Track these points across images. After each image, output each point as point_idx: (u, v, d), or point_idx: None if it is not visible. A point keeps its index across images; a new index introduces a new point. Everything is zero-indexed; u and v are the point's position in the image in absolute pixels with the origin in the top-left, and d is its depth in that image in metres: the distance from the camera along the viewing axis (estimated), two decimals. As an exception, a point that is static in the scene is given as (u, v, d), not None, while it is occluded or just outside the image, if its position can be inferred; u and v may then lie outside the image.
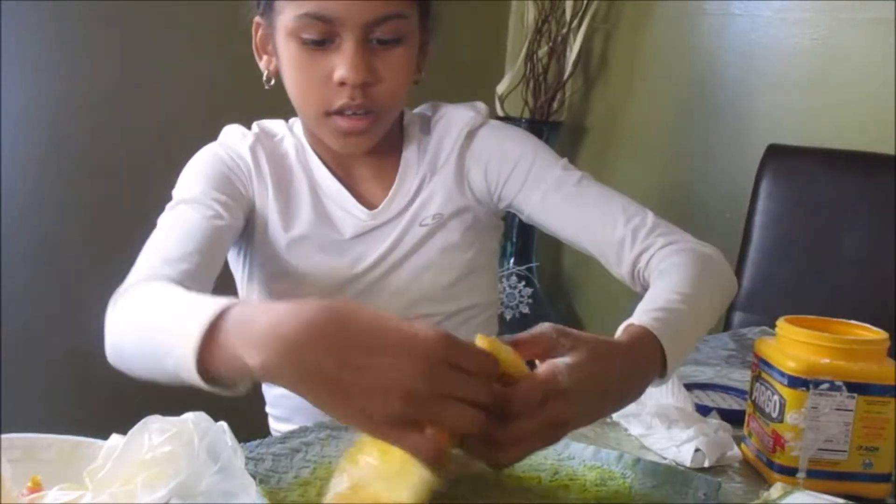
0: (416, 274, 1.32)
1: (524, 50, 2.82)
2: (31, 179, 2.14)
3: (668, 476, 0.98)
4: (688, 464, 1.04)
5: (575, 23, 2.74)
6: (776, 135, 2.20)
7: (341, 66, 1.18)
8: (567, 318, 2.87)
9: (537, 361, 0.89)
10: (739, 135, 2.47)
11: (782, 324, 1.06)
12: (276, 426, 1.42)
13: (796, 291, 1.22)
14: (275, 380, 0.80)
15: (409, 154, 1.34)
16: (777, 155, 2.10)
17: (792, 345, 1.03)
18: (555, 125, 2.83)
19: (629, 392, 0.97)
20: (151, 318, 0.96)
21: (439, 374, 0.76)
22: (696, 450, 1.04)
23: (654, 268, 1.19)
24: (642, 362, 0.98)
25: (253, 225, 1.30)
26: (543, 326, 0.91)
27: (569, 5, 2.73)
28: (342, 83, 1.19)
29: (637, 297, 1.09)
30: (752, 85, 2.46)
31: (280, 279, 1.31)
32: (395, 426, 0.76)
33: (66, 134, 2.17)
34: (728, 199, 2.34)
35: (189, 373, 0.85)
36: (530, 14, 2.81)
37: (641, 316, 1.01)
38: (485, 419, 0.78)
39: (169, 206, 1.24)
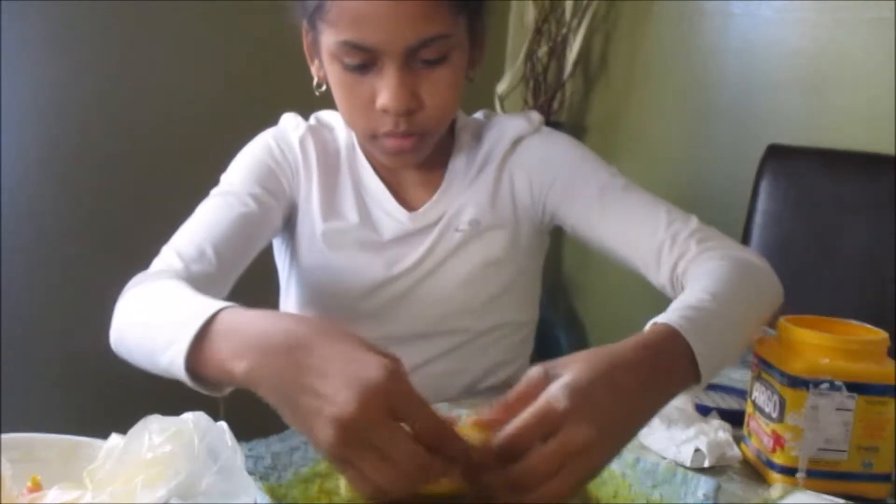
0: (454, 286, 1.30)
1: (524, 50, 2.81)
2: (32, 179, 2.14)
3: (667, 476, 0.97)
4: (687, 463, 1.04)
5: (575, 23, 2.74)
6: (776, 135, 2.20)
7: (383, 93, 1.15)
8: (567, 319, 2.87)
9: None
10: (739, 135, 2.47)
11: (782, 324, 1.06)
12: None
13: (796, 291, 1.22)
14: (253, 388, 0.83)
15: (458, 162, 1.31)
16: (777, 155, 2.10)
17: (792, 345, 1.04)
18: (555, 125, 2.82)
19: (654, 398, 0.89)
20: (151, 316, 1.01)
21: (371, 417, 0.76)
22: (696, 449, 1.05)
23: (691, 274, 1.14)
24: (664, 363, 0.90)
25: (295, 216, 1.30)
26: (531, 371, 0.84)
27: (569, 5, 2.73)
28: (384, 111, 1.16)
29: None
30: (752, 85, 2.46)
31: (316, 272, 1.31)
32: (335, 456, 0.77)
33: (66, 134, 2.17)
34: (728, 198, 2.34)
35: (179, 371, 0.90)
36: (530, 14, 2.80)
37: (668, 314, 0.95)
38: (407, 481, 0.76)
39: (212, 192, 1.26)
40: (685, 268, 1.16)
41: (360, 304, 1.30)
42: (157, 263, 1.16)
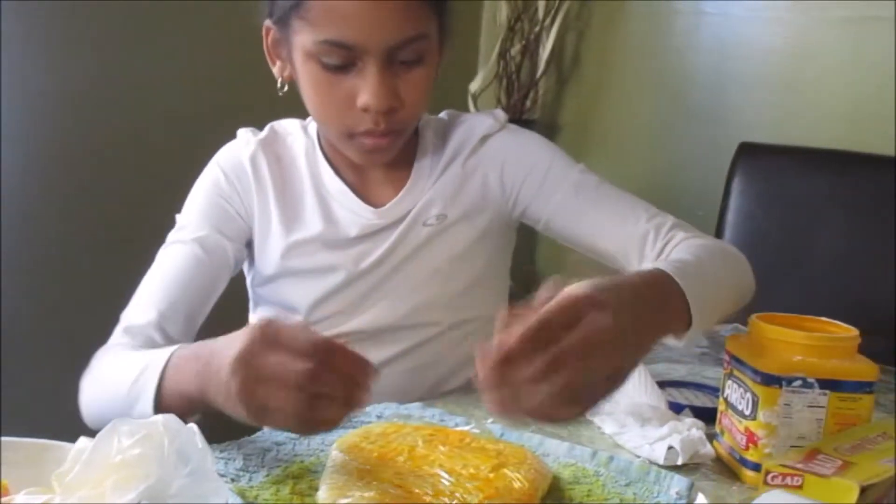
0: (422, 279, 1.30)
1: (497, 48, 2.81)
2: (32, 179, 2.13)
3: (640, 474, 0.98)
4: (661, 461, 1.04)
5: (548, 21, 2.74)
6: (748, 133, 2.21)
7: (364, 92, 1.16)
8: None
9: None
10: (712, 133, 2.48)
11: (754, 321, 1.06)
12: None
13: (768, 289, 1.23)
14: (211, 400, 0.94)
15: (423, 158, 1.32)
16: (749, 153, 2.11)
17: (764, 342, 1.04)
18: (528, 123, 2.83)
19: (656, 327, 0.93)
20: (110, 385, 1.10)
21: (255, 350, 0.87)
22: (670, 447, 1.05)
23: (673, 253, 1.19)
24: (666, 297, 0.96)
25: (253, 232, 1.31)
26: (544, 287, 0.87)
27: (541, 4, 2.73)
28: (365, 109, 1.17)
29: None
30: (725, 83, 2.47)
31: (282, 278, 1.31)
32: (246, 402, 0.87)
33: (66, 133, 2.16)
34: (701, 196, 2.35)
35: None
36: (503, 12, 2.81)
37: (657, 263, 1.01)
38: (302, 400, 0.84)
39: (168, 238, 1.28)
40: (669, 254, 1.20)
41: (330, 300, 1.30)
42: (114, 338, 1.21)
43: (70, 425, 0.97)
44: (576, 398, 0.82)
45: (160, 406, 1.01)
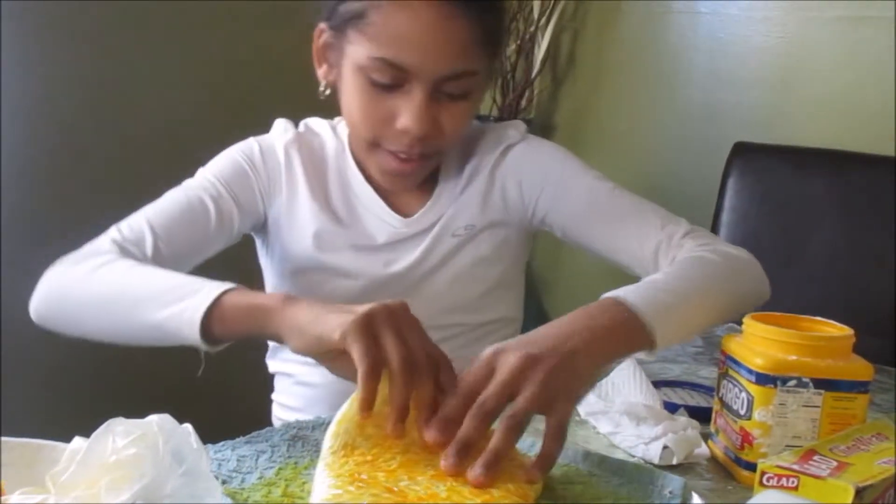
0: (449, 284, 1.32)
1: (492, 48, 2.81)
2: (31, 177, 2.12)
3: (634, 474, 0.98)
4: (656, 461, 1.04)
5: (543, 21, 2.74)
6: (743, 132, 2.21)
7: (406, 115, 1.18)
8: (537, 317, 2.87)
9: None
10: (707, 132, 2.48)
11: (749, 321, 1.06)
12: (283, 415, 1.41)
13: (763, 288, 1.25)
14: (290, 309, 0.99)
15: (449, 169, 1.34)
16: (744, 152, 2.11)
17: (759, 342, 1.04)
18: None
19: (608, 346, 0.98)
20: (137, 281, 1.11)
21: (392, 308, 0.96)
22: (665, 447, 1.05)
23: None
24: (615, 321, 1.00)
25: (279, 219, 1.31)
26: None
27: (536, 4, 2.73)
28: (404, 132, 1.19)
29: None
30: (719, 83, 2.47)
31: (309, 273, 1.32)
32: (360, 324, 0.93)
33: (67, 132, 2.15)
34: (696, 196, 2.35)
35: (187, 322, 1.02)
36: (498, 12, 2.80)
37: (615, 291, 1.05)
38: (409, 367, 0.91)
39: (183, 183, 1.28)
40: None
41: (355, 303, 1.30)
42: (101, 243, 1.22)
43: (66, 425, 0.97)
44: (518, 428, 0.89)
45: (218, 307, 1.02)
